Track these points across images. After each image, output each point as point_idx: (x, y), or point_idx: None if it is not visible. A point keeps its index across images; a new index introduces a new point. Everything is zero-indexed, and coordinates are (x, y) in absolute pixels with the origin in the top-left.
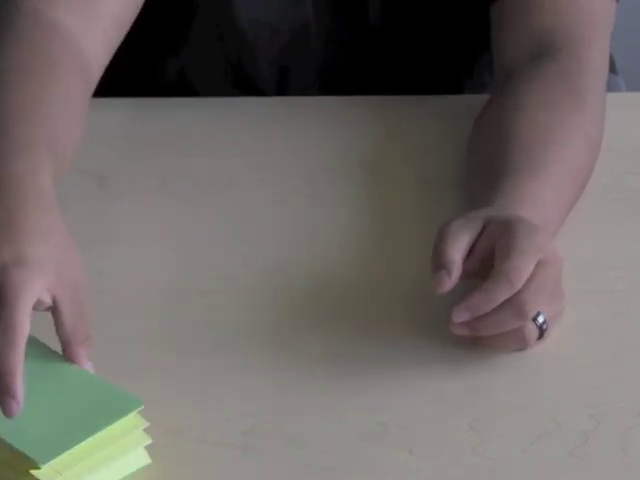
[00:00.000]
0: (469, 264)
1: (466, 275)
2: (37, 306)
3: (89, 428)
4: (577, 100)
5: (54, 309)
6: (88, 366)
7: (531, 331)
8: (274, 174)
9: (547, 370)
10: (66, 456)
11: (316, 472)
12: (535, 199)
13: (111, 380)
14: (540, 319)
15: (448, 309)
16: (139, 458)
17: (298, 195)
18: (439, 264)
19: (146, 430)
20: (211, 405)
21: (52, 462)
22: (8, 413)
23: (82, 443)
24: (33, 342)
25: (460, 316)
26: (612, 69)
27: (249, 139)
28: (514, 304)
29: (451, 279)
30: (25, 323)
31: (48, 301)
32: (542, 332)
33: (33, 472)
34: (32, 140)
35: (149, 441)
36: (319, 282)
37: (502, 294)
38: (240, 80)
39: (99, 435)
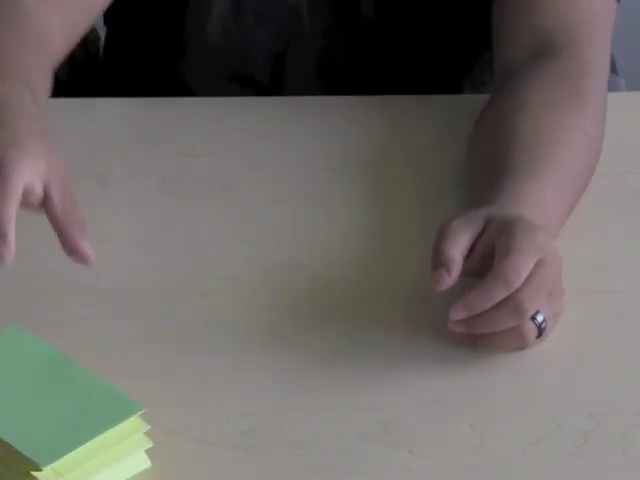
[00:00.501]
0: (469, 263)
1: (466, 274)
2: (29, 195)
3: (91, 431)
4: (577, 100)
5: (45, 194)
6: (85, 246)
7: (530, 330)
8: (274, 174)
9: (547, 370)
10: (67, 458)
11: (316, 472)
12: (536, 199)
13: (111, 380)
14: (539, 318)
15: (448, 309)
16: (139, 461)
17: (298, 195)
18: (439, 262)
19: (146, 432)
20: (211, 405)
21: (53, 464)
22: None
23: (83, 445)
24: (35, 343)
25: (457, 314)
26: (613, 69)
27: (249, 139)
28: (511, 302)
29: (451, 277)
30: (18, 187)
31: (39, 190)
32: (541, 331)
33: (34, 474)
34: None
35: (150, 444)
36: (319, 282)
37: (500, 292)
38: (237, 74)
39: (100, 438)
